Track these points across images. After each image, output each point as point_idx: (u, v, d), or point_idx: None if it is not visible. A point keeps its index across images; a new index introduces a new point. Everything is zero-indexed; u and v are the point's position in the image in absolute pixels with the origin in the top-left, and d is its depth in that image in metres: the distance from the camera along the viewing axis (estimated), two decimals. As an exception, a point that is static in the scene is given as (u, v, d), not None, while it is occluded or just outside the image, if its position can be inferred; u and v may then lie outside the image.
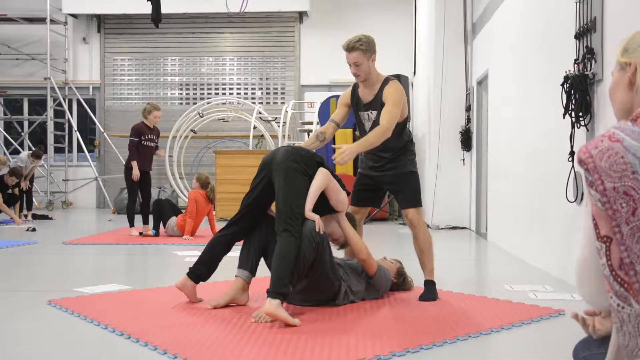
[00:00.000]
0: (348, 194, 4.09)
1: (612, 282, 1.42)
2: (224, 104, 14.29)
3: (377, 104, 4.20)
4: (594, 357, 1.90)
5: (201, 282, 4.13)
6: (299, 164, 3.83)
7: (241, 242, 4.12)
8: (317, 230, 3.72)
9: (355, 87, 4.39)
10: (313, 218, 3.76)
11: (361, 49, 4.16)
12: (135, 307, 3.99)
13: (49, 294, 4.39)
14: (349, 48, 4.18)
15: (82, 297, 4.31)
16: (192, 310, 3.85)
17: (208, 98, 14.94)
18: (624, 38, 1.64)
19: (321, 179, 3.82)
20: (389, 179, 4.36)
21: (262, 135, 13.59)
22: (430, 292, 4.24)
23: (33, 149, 14.53)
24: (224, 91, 15.36)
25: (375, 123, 4.19)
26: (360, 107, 4.33)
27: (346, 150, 3.90)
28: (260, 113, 13.34)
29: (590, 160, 1.46)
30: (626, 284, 1.40)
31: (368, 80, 4.24)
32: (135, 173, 8.33)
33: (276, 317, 3.43)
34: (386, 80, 4.23)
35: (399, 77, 10.65)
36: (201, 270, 4.09)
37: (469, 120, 9.43)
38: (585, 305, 3.31)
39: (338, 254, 4.36)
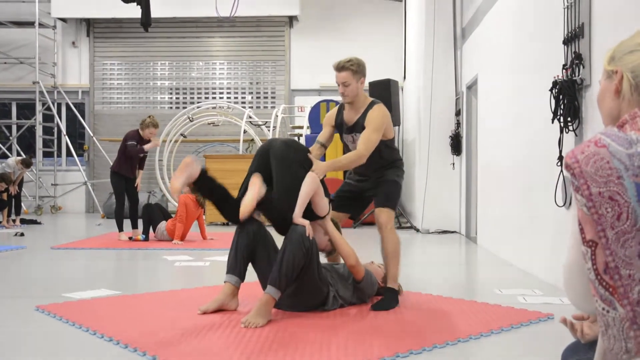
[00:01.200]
0: (330, 200, 4.09)
1: (597, 286, 1.43)
2: (214, 108, 14.27)
3: (360, 127, 4.22)
4: (582, 362, 1.91)
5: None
6: (297, 155, 3.91)
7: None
8: (307, 235, 3.72)
9: (340, 108, 4.40)
10: (303, 223, 3.76)
11: (351, 69, 4.17)
12: (124, 312, 3.97)
13: (37, 299, 4.37)
14: (339, 67, 4.19)
15: (70, 302, 4.28)
16: (181, 316, 3.83)
17: (198, 102, 14.92)
18: (610, 47, 1.65)
19: (310, 184, 3.83)
20: (371, 185, 4.37)
21: (252, 140, 13.58)
22: (386, 301, 4.08)
23: (22, 154, 14.50)
24: (214, 95, 15.34)
25: None
26: (344, 130, 4.35)
27: (316, 168, 3.92)
28: (250, 117, 13.33)
29: (576, 165, 1.48)
30: (611, 287, 1.41)
31: (355, 102, 4.26)
32: (155, 143, 8.54)
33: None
34: (371, 104, 4.25)
35: (388, 82, 10.68)
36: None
37: (458, 124, 9.46)
38: (573, 310, 3.32)
39: (323, 259, 4.36)
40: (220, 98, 15.25)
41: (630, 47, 1.56)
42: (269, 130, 13.11)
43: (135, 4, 9.49)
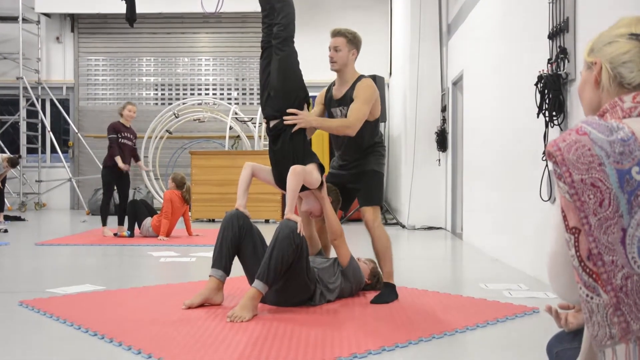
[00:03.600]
0: (322, 168, 4.04)
1: (580, 272, 1.45)
2: (200, 104, 14.22)
3: (348, 99, 4.19)
4: (567, 352, 1.92)
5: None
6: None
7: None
8: (298, 231, 3.70)
9: (330, 86, 4.39)
10: (295, 219, 3.74)
11: (347, 37, 4.20)
12: (108, 307, 3.94)
13: (21, 294, 4.33)
14: (335, 33, 4.22)
15: (55, 297, 4.25)
16: (166, 311, 3.81)
17: (184, 98, 14.86)
18: (591, 39, 1.68)
19: (294, 180, 3.79)
20: (353, 178, 4.33)
21: (238, 136, 13.55)
22: (384, 294, 4.13)
23: (5, 150, 14.37)
24: (199, 91, 15.29)
25: None
26: (333, 104, 4.32)
27: (302, 117, 3.94)
28: (236, 114, 13.30)
29: (558, 153, 1.49)
30: (594, 274, 1.42)
31: (342, 73, 4.24)
32: (122, 165, 8.27)
33: None
34: (359, 78, 4.24)
35: (374, 78, 10.69)
36: None
37: (444, 120, 9.48)
38: (559, 302, 3.33)
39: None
40: (206, 94, 15.19)
41: (609, 39, 1.59)
42: (254, 127, 13.08)
43: (120, 0, 9.40)
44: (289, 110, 3.96)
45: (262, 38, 4.14)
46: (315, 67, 9.03)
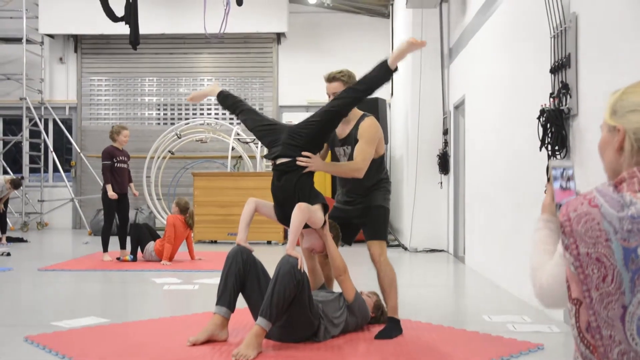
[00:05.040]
0: (326, 209, 4.07)
1: (579, 343, 1.49)
2: (202, 124, 14.27)
3: (352, 139, 4.22)
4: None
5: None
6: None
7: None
8: (299, 267, 3.72)
9: None
10: (296, 256, 3.77)
11: (342, 80, 4.22)
12: (113, 343, 3.95)
13: (26, 328, 4.34)
14: (330, 78, 4.23)
15: (60, 332, 4.25)
16: (171, 347, 3.82)
17: (186, 119, 14.90)
18: (612, 92, 1.64)
19: (298, 217, 3.80)
20: (359, 212, 4.35)
21: (241, 157, 13.58)
22: (388, 329, 4.15)
23: (8, 170, 14.42)
24: (201, 112, 15.34)
25: (351, 158, 4.22)
26: (336, 143, 4.35)
27: (314, 160, 3.95)
28: (238, 134, 13.34)
29: (567, 223, 1.52)
30: (592, 346, 1.46)
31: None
32: (111, 194, 8.28)
33: None
34: (363, 117, 4.27)
35: (376, 100, 10.74)
36: None
37: (446, 143, 9.51)
38: (562, 340, 3.35)
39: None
40: (208, 115, 15.25)
41: (634, 105, 1.55)
42: (257, 147, 13.12)
43: (123, 23, 9.47)
44: (304, 153, 3.97)
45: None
46: (317, 87, 9.07)
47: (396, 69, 4.04)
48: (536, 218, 1.79)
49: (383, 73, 4.03)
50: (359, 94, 4.04)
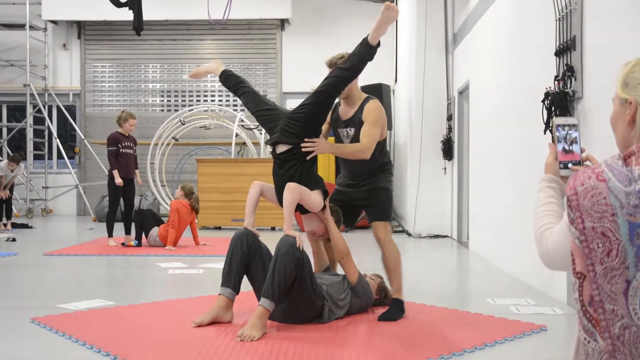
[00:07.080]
0: (326, 194, 4.08)
1: (581, 316, 1.50)
2: (206, 111, 14.27)
3: (357, 121, 4.23)
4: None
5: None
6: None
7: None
8: (297, 246, 3.74)
9: (336, 105, 4.41)
10: (294, 235, 3.79)
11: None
12: (119, 325, 3.98)
13: (32, 311, 4.37)
14: (332, 64, 4.21)
15: (66, 314, 4.28)
16: (176, 329, 3.84)
17: (189, 105, 14.91)
18: (624, 64, 1.63)
19: (290, 196, 3.81)
20: (362, 194, 4.36)
21: (244, 143, 13.59)
22: (392, 312, 4.16)
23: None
24: (205, 98, 15.34)
25: (354, 140, 4.22)
26: (339, 124, 4.35)
27: (319, 143, 3.96)
28: (242, 121, 13.33)
29: (574, 197, 1.51)
30: (594, 320, 1.47)
31: (349, 97, 4.28)
32: (118, 181, 8.30)
33: None
34: (367, 99, 4.27)
35: (380, 86, 10.71)
36: None
37: (450, 129, 9.50)
38: (565, 321, 3.36)
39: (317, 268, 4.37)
40: (212, 101, 15.25)
41: None
42: (260, 134, 13.12)
43: (127, 8, 9.46)
44: (307, 139, 3.98)
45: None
46: (321, 73, 9.06)
47: (378, 44, 3.99)
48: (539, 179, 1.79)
49: (365, 50, 4.00)
50: (345, 72, 4.02)
